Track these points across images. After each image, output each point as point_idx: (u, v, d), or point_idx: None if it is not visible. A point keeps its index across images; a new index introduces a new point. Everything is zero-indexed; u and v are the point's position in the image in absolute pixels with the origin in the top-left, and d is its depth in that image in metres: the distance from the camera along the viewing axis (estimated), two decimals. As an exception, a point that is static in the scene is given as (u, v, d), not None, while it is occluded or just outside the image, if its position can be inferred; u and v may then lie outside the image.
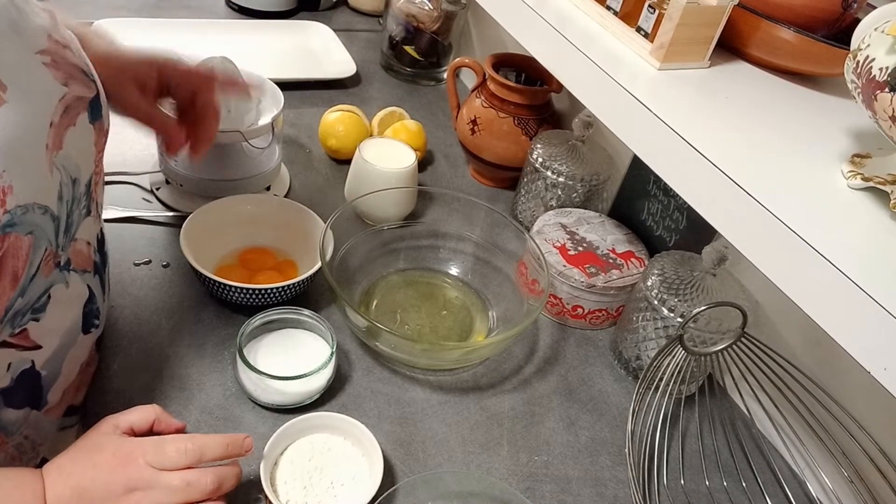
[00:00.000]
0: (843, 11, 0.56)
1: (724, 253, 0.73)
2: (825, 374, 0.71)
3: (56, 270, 0.54)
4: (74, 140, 0.52)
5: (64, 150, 0.50)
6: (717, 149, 0.46)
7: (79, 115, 0.52)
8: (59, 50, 0.51)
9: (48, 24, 0.51)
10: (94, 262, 0.61)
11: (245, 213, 0.84)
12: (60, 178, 0.50)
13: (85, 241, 0.58)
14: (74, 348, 0.60)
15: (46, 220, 0.49)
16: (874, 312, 0.36)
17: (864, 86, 0.41)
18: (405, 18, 1.24)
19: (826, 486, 0.72)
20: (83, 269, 0.58)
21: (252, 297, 0.75)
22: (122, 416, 0.58)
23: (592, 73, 0.54)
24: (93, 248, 0.60)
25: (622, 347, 0.82)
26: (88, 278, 0.59)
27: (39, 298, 0.52)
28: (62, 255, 0.54)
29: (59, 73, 0.50)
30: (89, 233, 0.59)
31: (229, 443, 0.58)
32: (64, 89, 0.50)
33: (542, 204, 0.96)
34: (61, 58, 0.51)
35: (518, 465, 0.71)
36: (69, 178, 0.52)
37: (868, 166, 0.47)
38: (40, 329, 0.54)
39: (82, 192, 0.55)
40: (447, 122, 1.19)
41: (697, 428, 0.78)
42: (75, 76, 0.52)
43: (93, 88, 0.54)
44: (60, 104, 0.50)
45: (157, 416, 0.59)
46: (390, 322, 0.82)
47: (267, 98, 0.91)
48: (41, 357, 0.55)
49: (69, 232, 0.54)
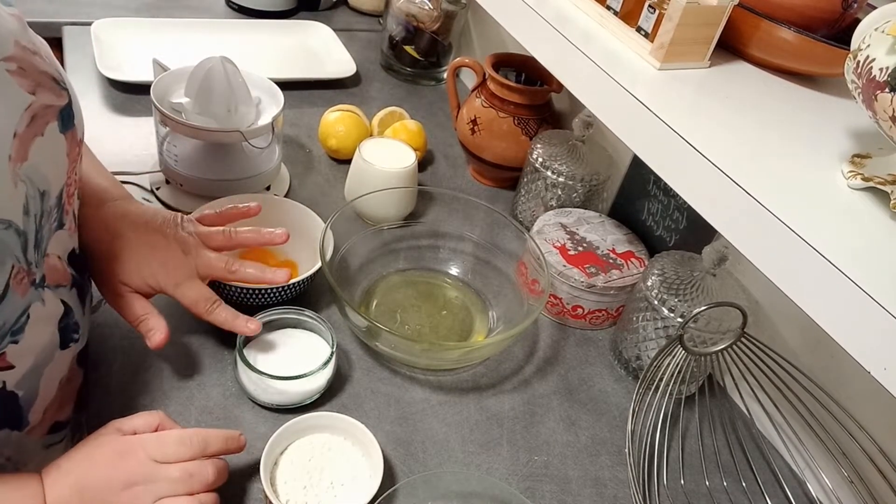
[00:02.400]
0: (843, 11, 0.56)
1: (724, 253, 0.73)
2: (825, 374, 0.71)
3: (32, 289, 0.52)
4: (42, 150, 0.49)
5: (30, 161, 0.48)
6: (717, 149, 0.46)
7: (47, 125, 0.50)
8: (27, 56, 0.48)
9: (15, 28, 0.48)
10: (71, 275, 0.58)
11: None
12: (26, 190, 0.48)
13: (56, 256, 0.55)
14: (51, 366, 0.57)
15: (10, 236, 0.47)
16: (874, 312, 0.36)
17: (864, 86, 0.41)
18: (405, 18, 1.24)
19: (826, 486, 0.72)
20: (58, 284, 0.56)
21: (252, 297, 0.75)
22: (125, 420, 0.58)
23: (592, 73, 0.54)
24: (64, 261, 0.57)
25: (622, 347, 0.82)
26: (64, 293, 0.57)
27: (18, 319, 0.51)
28: (36, 272, 0.52)
29: (26, 80, 0.48)
30: (62, 247, 0.56)
31: (227, 437, 0.59)
32: (30, 98, 0.48)
33: (542, 204, 0.96)
34: (29, 64, 0.48)
35: (518, 465, 0.71)
36: (36, 191, 0.49)
37: (868, 166, 0.47)
38: (17, 350, 0.52)
39: (52, 205, 0.52)
40: (447, 122, 1.19)
41: (697, 428, 0.78)
42: (44, 84, 0.49)
43: (64, 97, 0.52)
44: (26, 113, 0.47)
45: (161, 422, 0.58)
46: (390, 322, 0.82)
47: (267, 98, 0.92)
48: (13, 377, 0.53)
49: (40, 247, 0.52)
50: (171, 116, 0.82)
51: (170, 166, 0.88)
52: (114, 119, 1.03)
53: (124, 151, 0.95)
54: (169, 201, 0.89)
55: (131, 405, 0.67)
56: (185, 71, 0.87)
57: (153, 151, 0.93)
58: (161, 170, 0.90)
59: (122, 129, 1.01)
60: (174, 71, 0.89)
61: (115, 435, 0.56)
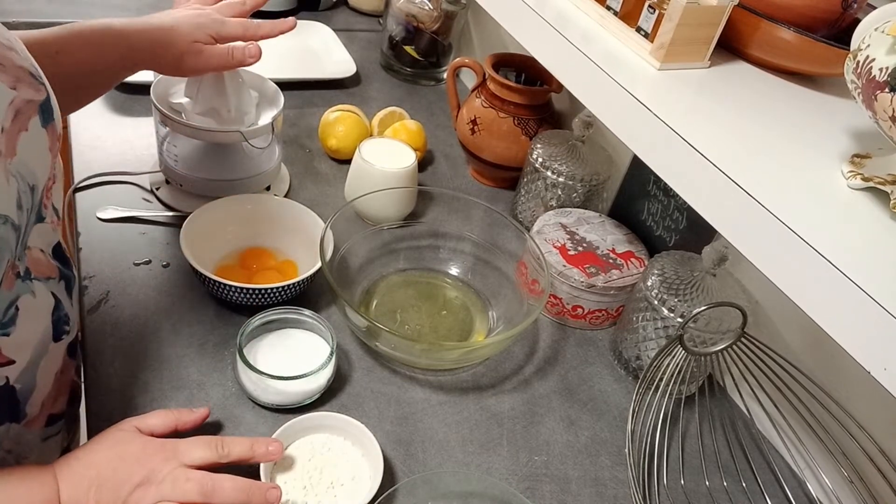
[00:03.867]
0: (843, 11, 0.56)
1: (724, 253, 0.73)
2: (825, 374, 0.71)
3: (18, 281, 0.52)
4: (29, 146, 0.49)
5: (18, 157, 0.48)
6: (717, 149, 0.46)
7: (30, 119, 0.50)
8: (5, 52, 0.48)
9: None
10: (57, 267, 0.59)
11: (245, 213, 0.84)
12: (17, 185, 0.48)
13: (38, 249, 0.56)
14: (46, 358, 0.58)
15: (7, 230, 0.48)
16: (874, 312, 0.36)
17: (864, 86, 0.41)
18: (405, 18, 1.24)
19: (826, 486, 0.72)
20: (46, 276, 0.56)
21: (252, 297, 0.75)
22: (142, 419, 0.59)
23: (592, 73, 0.54)
24: (48, 255, 0.57)
25: (622, 347, 0.82)
26: (53, 285, 0.57)
27: (7, 312, 0.51)
28: (20, 265, 0.52)
29: (7, 76, 0.48)
30: (45, 240, 0.56)
31: (253, 444, 0.59)
32: (12, 93, 0.48)
33: (542, 204, 0.96)
34: (7, 60, 0.48)
35: (518, 465, 0.71)
36: (27, 186, 0.50)
37: (868, 166, 0.47)
38: (12, 343, 0.52)
39: (38, 200, 0.53)
40: (447, 122, 1.19)
41: (697, 428, 0.78)
42: (23, 79, 0.50)
43: (42, 91, 0.52)
44: (10, 108, 0.48)
45: (178, 421, 0.60)
46: (390, 322, 0.82)
47: (267, 98, 0.92)
48: (14, 372, 0.54)
49: (23, 241, 0.52)
50: (171, 116, 0.82)
51: (170, 166, 0.88)
52: (114, 119, 1.03)
53: (124, 151, 0.96)
54: (169, 201, 0.89)
55: (131, 405, 0.67)
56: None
57: (153, 151, 0.93)
58: (161, 170, 0.90)
59: (122, 129, 1.01)
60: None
61: (135, 433, 0.57)
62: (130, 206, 0.87)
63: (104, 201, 0.87)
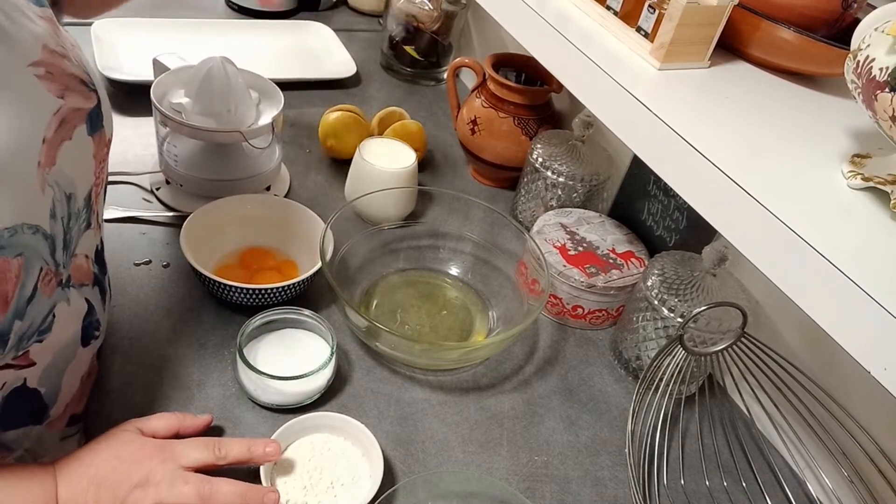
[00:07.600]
0: (843, 11, 0.56)
1: (724, 253, 0.73)
2: (825, 374, 0.71)
3: (59, 289, 0.52)
4: (69, 154, 0.49)
5: (57, 166, 0.48)
6: (717, 149, 0.46)
7: (76, 128, 0.50)
8: (56, 60, 0.48)
9: (44, 33, 0.48)
10: (94, 273, 0.59)
11: (245, 213, 0.84)
12: (53, 195, 0.48)
13: (83, 255, 0.56)
14: (74, 362, 0.58)
15: (38, 240, 0.47)
16: (874, 312, 0.36)
17: (864, 86, 0.41)
18: (405, 18, 1.24)
19: (826, 486, 0.72)
20: (82, 283, 0.56)
21: (252, 297, 0.75)
22: (145, 420, 0.59)
23: (592, 73, 0.54)
24: (91, 260, 0.58)
25: (622, 347, 0.82)
26: (87, 291, 0.57)
27: (45, 320, 0.51)
28: (63, 273, 0.52)
29: (55, 85, 0.47)
30: (89, 246, 0.57)
31: (251, 445, 0.59)
32: (59, 102, 0.48)
33: (542, 204, 0.96)
34: (57, 68, 0.48)
35: (518, 465, 0.71)
36: (63, 195, 0.49)
37: (868, 166, 0.47)
38: (39, 347, 0.52)
39: (81, 207, 0.52)
40: (447, 122, 1.19)
41: (697, 428, 0.78)
42: (72, 87, 0.49)
43: (93, 98, 0.52)
44: (55, 118, 0.47)
45: (181, 425, 0.60)
46: (390, 322, 0.82)
47: (267, 98, 0.92)
48: (34, 374, 0.54)
49: (69, 248, 0.52)
50: (171, 116, 0.82)
51: (170, 166, 0.88)
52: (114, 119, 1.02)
53: (124, 151, 0.95)
54: (169, 201, 0.89)
55: (131, 405, 0.67)
56: (185, 71, 0.87)
57: (153, 151, 0.93)
58: (161, 170, 0.90)
59: (122, 129, 1.01)
60: (174, 71, 0.89)
61: (136, 434, 0.57)
62: (130, 207, 0.87)
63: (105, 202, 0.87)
